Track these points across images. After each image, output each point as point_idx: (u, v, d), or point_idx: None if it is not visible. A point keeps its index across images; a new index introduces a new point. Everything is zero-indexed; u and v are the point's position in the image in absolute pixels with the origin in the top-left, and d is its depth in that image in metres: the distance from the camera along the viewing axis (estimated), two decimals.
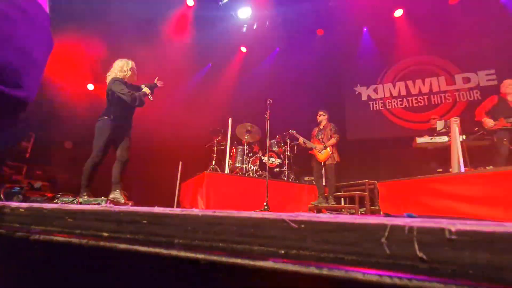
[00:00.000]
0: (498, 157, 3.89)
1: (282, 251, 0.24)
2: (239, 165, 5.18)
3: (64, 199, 2.26)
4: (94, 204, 2.01)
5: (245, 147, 5.23)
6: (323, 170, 4.84)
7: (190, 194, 4.69)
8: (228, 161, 5.36)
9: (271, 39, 7.23)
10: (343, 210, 4.37)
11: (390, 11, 6.58)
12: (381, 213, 4.12)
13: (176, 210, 0.31)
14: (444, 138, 4.75)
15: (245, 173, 5.02)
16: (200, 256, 0.26)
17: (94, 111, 6.33)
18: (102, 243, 0.33)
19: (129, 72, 3.12)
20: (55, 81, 5.58)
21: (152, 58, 6.29)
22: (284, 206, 4.67)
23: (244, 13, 6.57)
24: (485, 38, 6.18)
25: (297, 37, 7.16)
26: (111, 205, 0.41)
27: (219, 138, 5.48)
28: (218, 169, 5.26)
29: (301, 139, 4.82)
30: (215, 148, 5.40)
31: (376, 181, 4.33)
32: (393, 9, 6.53)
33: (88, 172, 2.82)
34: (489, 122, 3.98)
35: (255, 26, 6.88)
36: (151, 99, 3.22)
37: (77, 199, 2.19)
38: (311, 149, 4.71)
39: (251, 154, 5.39)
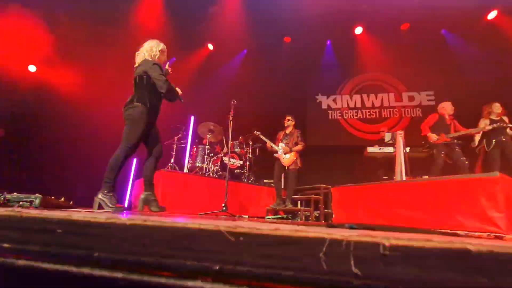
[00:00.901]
0: (435, 167, 4.40)
1: (217, 267, 0.22)
2: (199, 164, 5.05)
3: None
4: (24, 201, 1.73)
5: (207, 146, 5.11)
6: (284, 174, 4.96)
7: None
8: (188, 160, 5.18)
9: (239, 40, 7.21)
10: (299, 212, 4.53)
11: (351, 28, 7.06)
12: (333, 215, 4.36)
13: (100, 217, 0.26)
14: (391, 149, 5.24)
15: (205, 173, 4.91)
16: (119, 275, 0.23)
17: (35, 95, 5.62)
18: None
19: (158, 54, 2.73)
20: None
21: (110, 44, 5.83)
22: (243, 207, 4.67)
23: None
24: (427, 63, 7.01)
25: (265, 42, 7.26)
26: (19, 209, 0.33)
27: (179, 135, 5.27)
28: (176, 167, 5.05)
29: (268, 143, 4.87)
30: (175, 146, 5.18)
31: (330, 186, 4.58)
32: (354, 26, 7.02)
33: (118, 166, 2.44)
34: (433, 137, 4.47)
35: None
36: (182, 101, 2.92)
37: (3, 196, 1.85)
38: (276, 152, 4.79)
39: (212, 154, 5.29)
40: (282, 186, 4.94)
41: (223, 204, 3.39)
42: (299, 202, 5.01)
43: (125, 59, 6.23)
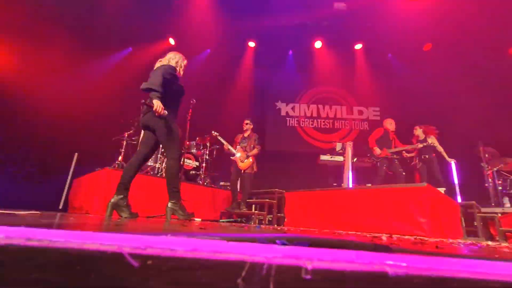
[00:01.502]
0: (377, 177, 4.88)
1: None
2: (151, 164, 4.75)
3: None
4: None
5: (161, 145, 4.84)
6: (240, 177, 4.95)
7: (85, 193, 3.98)
8: None
9: (203, 39, 7.06)
10: (253, 216, 4.57)
11: (312, 41, 7.46)
12: (285, 219, 4.48)
13: None
14: (341, 158, 5.62)
15: (157, 173, 4.64)
16: None
17: None
18: None
19: (180, 68, 2.78)
20: None
21: (60, 24, 5.19)
22: (196, 210, 4.51)
23: None
24: (376, 82, 7.76)
25: (229, 44, 7.23)
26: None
27: (130, 132, 4.89)
28: (124, 166, 4.67)
29: (226, 145, 4.81)
30: (125, 143, 4.79)
31: (284, 191, 4.71)
32: (314, 40, 7.43)
33: (176, 175, 2.51)
34: (377, 150, 4.96)
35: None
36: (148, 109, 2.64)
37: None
38: (233, 155, 4.76)
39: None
40: (238, 190, 4.93)
41: None
42: (253, 205, 5.04)
43: (73, 42, 5.60)
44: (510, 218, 3.97)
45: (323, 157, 5.99)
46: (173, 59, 2.75)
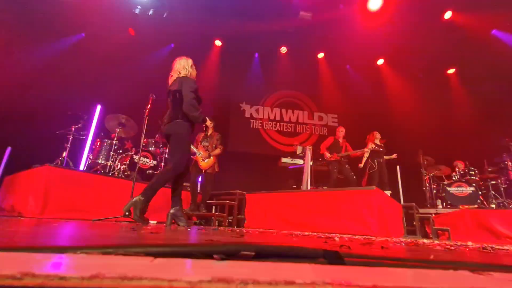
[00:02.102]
0: (331, 180, 5.20)
1: None
2: (103, 161, 4.36)
3: None
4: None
5: (115, 141, 4.47)
6: (200, 178, 4.82)
7: (18, 192, 3.47)
8: (88, 156, 4.42)
9: (166, 32, 6.74)
10: (212, 218, 4.46)
11: (277, 46, 7.63)
12: (245, 221, 4.47)
13: None
14: (300, 161, 5.83)
15: (109, 172, 4.27)
16: None
17: None
18: None
19: (191, 70, 2.91)
20: None
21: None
22: (153, 212, 4.25)
23: None
24: (335, 90, 8.23)
25: (195, 40, 7.02)
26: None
27: (79, 125, 4.43)
28: (70, 163, 4.22)
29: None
30: (71, 137, 4.32)
31: (245, 192, 4.70)
32: (279, 45, 7.61)
33: (163, 183, 2.61)
34: (327, 155, 5.36)
35: (150, 12, 6.22)
36: (205, 131, 3.23)
37: None
38: (193, 154, 4.60)
39: (120, 151, 4.66)
40: (198, 190, 4.79)
41: None
42: (213, 207, 4.94)
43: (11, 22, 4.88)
44: (442, 218, 4.51)
45: (284, 160, 6.15)
46: (181, 69, 2.87)
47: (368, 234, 2.91)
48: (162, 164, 5.08)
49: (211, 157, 4.57)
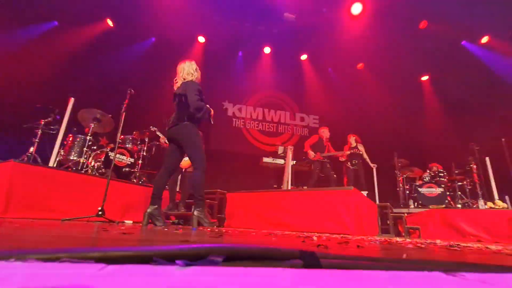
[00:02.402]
0: (311, 179, 5.27)
1: None
2: (75, 158, 4.13)
3: None
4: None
5: (89, 137, 4.25)
6: (180, 176, 4.71)
7: None
8: (59, 151, 4.16)
9: (147, 25, 6.52)
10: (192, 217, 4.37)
11: (260, 46, 7.64)
12: (225, 220, 4.43)
13: None
14: (282, 161, 5.87)
15: (81, 169, 4.05)
16: None
17: None
18: None
19: (196, 74, 2.99)
20: None
21: None
22: (128, 211, 4.10)
23: None
24: (317, 92, 8.39)
25: (177, 35, 6.84)
26: None
27: (49, 119, 4.16)
28: (38, 159, 3.95)
29: (162, 138, 4.51)
30: (40, 132, 4.05)
31: (226, 191, 4.66)
32: (263, 45, 7.62)
33: (202, 185, 2.67)
34: (311, 154, 5.39)
35: None
36: (212, 123, 3.12)
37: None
38: None
39: (95, 147, 4.44)
40: (178, 189, 4.68)
41: (99, 208, 2.86)
42: (193, 206, 4.84)
43: None
44: (413, 217, 4.74)
45: (266, 159, 6.16)
46: (186, 74, 2.94)
47: (345, 233, 2.99)
48: (140, 162, 4.90)
49: None
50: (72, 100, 3.93)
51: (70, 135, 4.30)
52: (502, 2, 5.22)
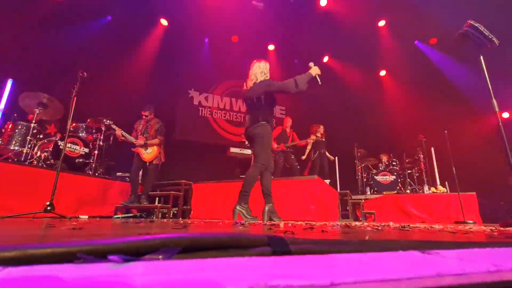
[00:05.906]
0: (277, 170, 5.36)
1: None
2: (17, 148, 3.66)
3: None
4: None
5: (33, 124, 3.78)
6: (143, 169, 4.45)
7: None
8: None
9: (102, 3, 5.91)
10: (155, 210, 4.19)
11: (229, 34, 7.43)
12: (191, 211, 4.33)
13: None
14: (249, 151, 5.88)
15: (25, 161, 3.60)
16: None
17: None
18: None
19: (268, 75, 3.13)
20: None
21: None
22: (83, 205, 3.78)
23: None
24: None
25: (135, 14, 6.29)
26: None
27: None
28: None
29: (118, 131, 4.19)
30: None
31: (192, 182, 4.54)
32: (231, 33, 7.42)
33: (255, 181, 2.74)
34: (274, 145, 5.46)
35: None
36: (319, 83, 3.19)
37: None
38: (134, 145, 4.21)
39: (41, 136, 3.98)
40: (140, 181, 4.43)
41: (47, 203, 2.59)
42: (157, 198, 4.64)
43: None
44: (369, 203, 5.14)
45: (233, 150, 6.12)
46: (260, 73, 3.15)
47: (310, 219, 3.11)
48: (96, 152, 4.52)
49: (154, 147, 4.27)
50: (10, 81, 3.43)
51: (10, 122, 3.78)
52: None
